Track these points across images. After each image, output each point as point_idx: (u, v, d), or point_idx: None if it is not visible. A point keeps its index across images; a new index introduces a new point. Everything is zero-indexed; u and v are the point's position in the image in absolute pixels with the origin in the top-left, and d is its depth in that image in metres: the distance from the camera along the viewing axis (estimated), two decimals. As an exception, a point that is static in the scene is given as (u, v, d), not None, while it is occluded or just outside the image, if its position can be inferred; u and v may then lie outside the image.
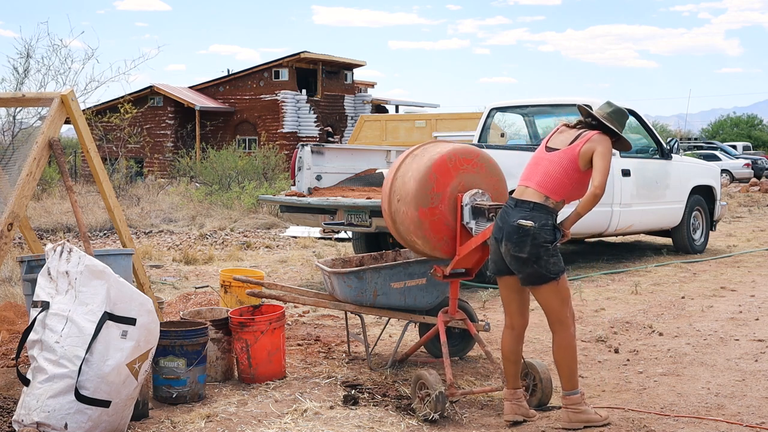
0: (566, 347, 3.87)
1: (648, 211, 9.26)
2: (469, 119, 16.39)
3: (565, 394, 3.90)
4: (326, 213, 7.87)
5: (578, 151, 3.83)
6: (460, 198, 4.18)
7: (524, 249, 3.77)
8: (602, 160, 3.79)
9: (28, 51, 15.94)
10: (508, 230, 3.82)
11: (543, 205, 3.81)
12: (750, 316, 6.42)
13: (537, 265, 3.78)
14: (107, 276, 3.62)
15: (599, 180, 3.76)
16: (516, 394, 4.00)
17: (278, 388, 4.48)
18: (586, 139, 3.86)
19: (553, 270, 3.81)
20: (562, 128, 4.02)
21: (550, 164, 3.87)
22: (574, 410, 3.87)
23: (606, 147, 3.84)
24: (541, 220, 3.78)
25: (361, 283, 4.68)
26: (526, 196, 3.85)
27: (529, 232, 3.76)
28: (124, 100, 21.64)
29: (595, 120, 3.94)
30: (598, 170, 3.78)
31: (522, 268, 3.82)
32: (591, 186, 3.78)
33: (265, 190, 16.17)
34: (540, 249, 3.76)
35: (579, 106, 4.16)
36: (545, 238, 3.77)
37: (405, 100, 42.47)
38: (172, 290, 7.72)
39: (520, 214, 3.80)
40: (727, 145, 38.99)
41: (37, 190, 14.04)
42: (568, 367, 3.87)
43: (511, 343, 4.03)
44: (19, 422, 3.48)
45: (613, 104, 3.99)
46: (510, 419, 3.95)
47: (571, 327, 3.89)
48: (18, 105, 11.39)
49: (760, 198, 20.93)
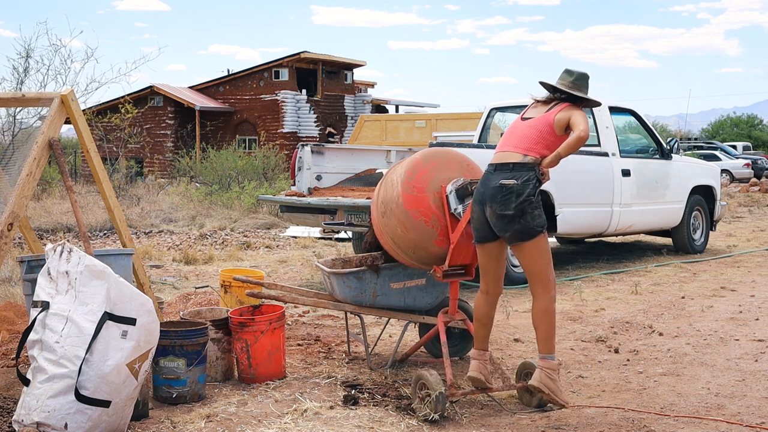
0: (545, 311, 3.98)
1: (648, 211, 9.26)
2: (469, 119, 16.37)
3: (542, 356, 4.01)
4: (326, 213, 7.87)
5: (553, 118, 4.03)
6: (444, 188, 4.33)
7: (510, 206, 3.90)
8: (580, 116, 3.97)
9: (27, 51, 15.96)
10: (491, 192, 3.96)
11: (522, 162, 3.96)
12: (750, 316, 6.42)
13: (523, 219, 3.91)
14: (107, 276, 3.62)
15: (583, 125, 3.90)
16: (483, 355, 4.18)
17: (278, 388, 4.48)
18: (560, 108, 4.06)
19: (538, 223, 3.95)
20: (535, 104, 4.22)
21: (527, 128, 4.07)
22: (547, 374, 3.96)
23: (579, 111, 4.04)
24: (523, 177, 3.92)
25: (361, 284, 4.68)
26: (505, 159, 4.01)
27: (512, 189, 3.90)
28: (125, 101, 21.63)
29: (564, 93, 4.11)
30: (579, 122, 3.93)
31: (508, 225, 3.94)
32: (576, 130, 3.89)
33: (265, 190, 16.18)
34: (524, 203, 3.90)
35: (542, 83, 4.27)
36: (529, 191, 3.91)
37: (405, 100, 42.48)
38: (172, 290, 7.72)
39: (501, 176, 3.95)
40: (727, 145, 39.00)
41: (37, 190, 14.05)
42: (546, 331, 3.99)
43: (484, 307, 4.22)
44: (19, 422, 3.48)
45: (572, 71, 4.16)
46: (474, 376, 4.10)
47: (551, 290, 4.00)
48: (18, 105, 11.40)
49: (760, 198, 20.93)
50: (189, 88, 38.08)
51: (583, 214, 8.35)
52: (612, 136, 8.82)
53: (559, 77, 4.18)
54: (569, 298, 7.16)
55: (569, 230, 8.37)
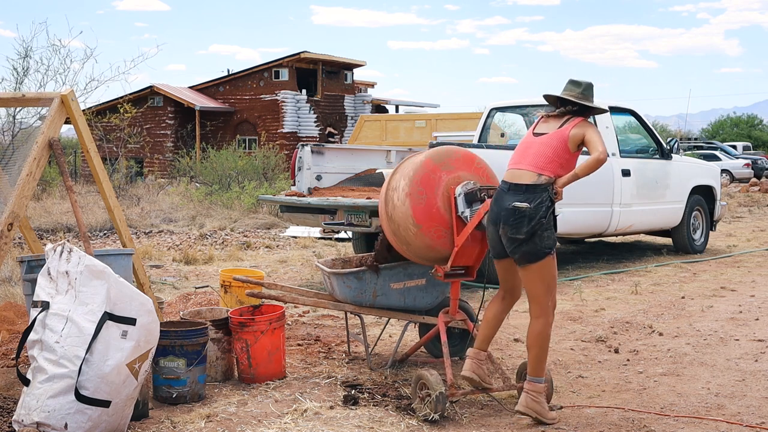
0: (539, 334, 3.97)
1: (648, 211, 9.26)
2: (469, 119, 16.37)
3: (530, 379, 3.99)
4: (326, 213, 7.87)
5: (568, 134, 3.97)
6: (453, 191, 4.29)
7: (521, 230, 3.88)
8: (596, 135, 3.93)
9: (27, 51, 15.96)
10: (505, 214, 3.94)
11: (536, 184, 3.92)
12: (750, 316, 6.42)
13: (532, 242, 3.88)
14: (107, 276, 3.62)
15: (602, 146, 3.87)
16: (480, 354, 4.15)
17: (278, 388, 4.48)
18: (574, 123, 4.00)
19: (547, 244, 3.92)
20: (545, 118, 4.15)
21: (541, 146, 4.01)
22: (533, 397, 3.95)
23: (594, 128, 3.99)
24: (536, 200, 3.89)
25: (361, 284, 4.68)
26: (519, 179, 3.97)
27: (525, 213, 3.87)
28: (124, 100, 21.65)
29: (575, 105, 4.06)
30: (595, 142, 3.90)
31: (518, 248, 3.92)
32: (594, 152, 3.87)
33: (265, 190, 16.17)
34: (536, 226, 3.87)
35: (546, 96, 4.22)
36: (541, 214, 3.88)
37: (405, 100, 42.47)
38: (172, 290, 7.71)
39: (515, 198, 3.92)
40: (727, 145, 38.99)
41: (37, 190, 14.04)
42: (537, 355, 3.97)
43: (498, 310, 4.20)
44: (19, 422, 3.48)
45: (579, 81, 4.12)
46: (467, 375, 4.08)
47: (549, 316, 3.98)
48: (18, 105, 11.40)
49: (760, 198, 20.93)
50: (189, 88, 38.06)
51: (583, 214, 8.34)
52: (612, 136, 8.82)
53: (564, 89, 4.12)
54: (569, 298, 7.16)
55: (569, 230, 8.37)
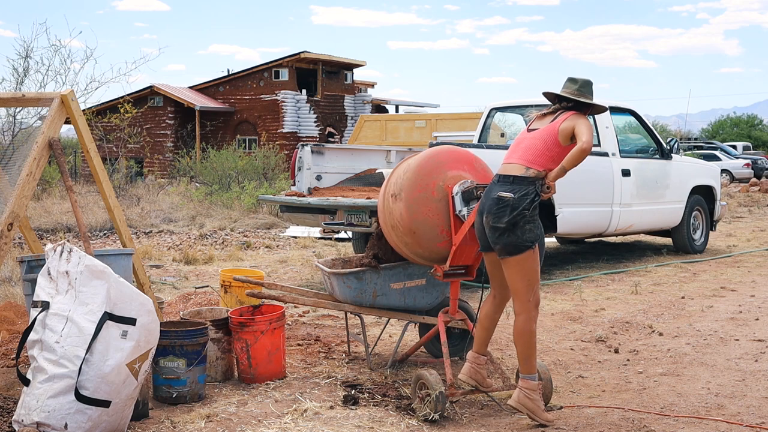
0: (521, 331, 3.96)
1: (648, 211, 9.26)
2: (469, 119, 16.38)
3: (522, 376, 3.99)
4: (326, 213, 7.87)
5: (558, 128, 3.98)
6: (450, 189, 4.30)
7: (502, 219, 3.89)
8: (584, 126, 3.91)
9: (27, 51, 15.96)
10: (489, 203, 3.96)
11: (524, 176, 3.93)
12: (750, 316, 6.42)
13: (513, 234, 3.88)
14: (107, 276, 3.62)
15: (586, 137, 3.86)
16: (479, 358, 4.15)
17: (278, 388, 4.48)
18: (564, 117, 4.02)
19: (528, 237, 3.91)
20: (540, 115, 4.17)
21: (532, 140, 4.04)
22: (527, 395, 3.94)
23: (584, 120, 3.98)
24: (521, 192, 3.90)
25: (361, 284, 4.68)
26: (508, 171, 4.00)
27: (508, 203, 3.88)
28: (124, 100, 21.64)
29: (571, 101, 4.07)
30: (581, 133, 3.89)
31: (499, 239, 3.92)
32: (579, 142, 3.87)
33: (265, 190, 16.18)
34: (517, 217, 3.87)
35: (545, 93, 4.23)
36: (524, 206, 3.88)
37: (405, 100, 42.47)
38: (172, 290, 7.72)
39: (501, 188, 3.95)
40: (727, 145, 38.99)
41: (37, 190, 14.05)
42: (523, 352, 3.97)
43: (489, 310, 4.20)
44: (19, 422, 3.48)
45: (576, 78, 4.13)
46: (464, 380, 4.09)
47: (531, 311, 3.96)
48: (18, 105, 11.39)
49: (760, 198, 20.93)
50: (189, 88, 38.07)
51: (583, 214, 8.34)
52: (612, 136, 8.82)
53: (563, 86, 4.13)
54: (569, 298, 7.16)
55: (569, 230, 8.37)
